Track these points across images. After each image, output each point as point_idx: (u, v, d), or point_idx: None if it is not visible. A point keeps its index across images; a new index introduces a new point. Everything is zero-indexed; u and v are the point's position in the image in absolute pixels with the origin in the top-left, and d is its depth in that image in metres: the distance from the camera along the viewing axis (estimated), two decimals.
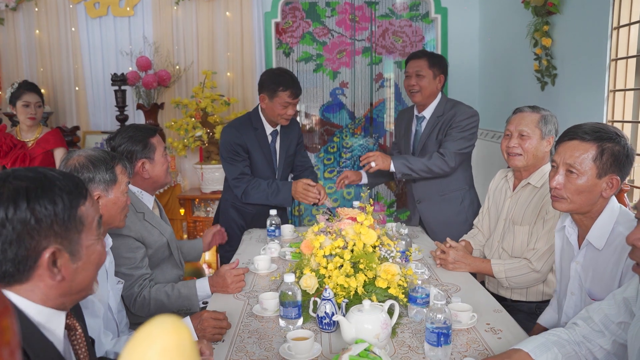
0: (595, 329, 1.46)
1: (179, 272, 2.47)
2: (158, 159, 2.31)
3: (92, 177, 1.77)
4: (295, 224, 4.84)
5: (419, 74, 2.99)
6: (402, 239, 2.32)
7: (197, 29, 4.52)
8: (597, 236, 1.70)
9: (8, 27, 4.55)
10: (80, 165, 1.77)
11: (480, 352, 1.59)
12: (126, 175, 1.88)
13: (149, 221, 2.24)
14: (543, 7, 3.17)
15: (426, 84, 2.98)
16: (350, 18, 4.72)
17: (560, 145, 1.73)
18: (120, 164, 1.86)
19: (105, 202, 1.80)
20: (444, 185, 3.01)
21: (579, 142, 1.67)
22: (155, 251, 2.26)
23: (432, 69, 2.99)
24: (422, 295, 1.81)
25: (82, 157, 1.79)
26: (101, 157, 1.81)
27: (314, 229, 2.05)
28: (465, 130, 2.92)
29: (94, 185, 1.77)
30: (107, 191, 1.80)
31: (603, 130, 1.66)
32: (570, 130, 1.72)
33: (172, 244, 2.39)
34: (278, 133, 3.18)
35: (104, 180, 1.79)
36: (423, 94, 3.00)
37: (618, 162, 1.64)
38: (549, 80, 3.30)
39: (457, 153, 2.90)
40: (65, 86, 4.62)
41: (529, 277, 2.23)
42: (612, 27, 2.71)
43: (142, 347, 0.63)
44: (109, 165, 1.81)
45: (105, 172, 1.79)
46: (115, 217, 1.84)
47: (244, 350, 1.64)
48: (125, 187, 1.86)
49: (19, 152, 3.61)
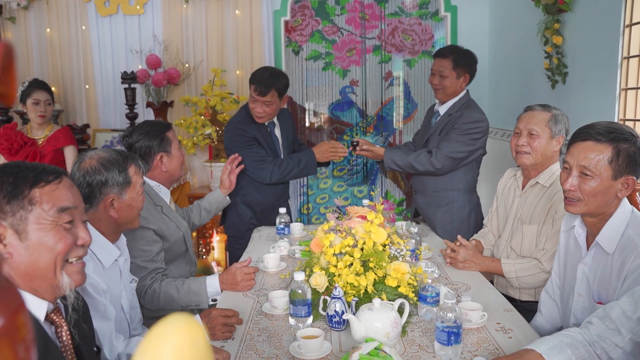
0: (611, 327, 1.42)
1: (192, 268, 2.51)
2: (174, 152, 2.37)
3: (106, 179, 1.76)
4: (304, 222, 4.85)
5: (442, 74, 2.98)
6: (412, 238, 2.32)
7: (207, 27, 4.53)
8: (607, 239, 1.65)
9: (19, 25, 4.58)
10: (92, 168, 1.76)
11: (491, 352, 1.59)
12: (140, 175, 1.86)
13: (167, 214, 2.27)
14: (554, 4, 3.15)
15: (448, 83, 2.97)
16: (359, 16, 4.71)
17: (573, 146, 1.67)
18: (133, 164, 1.84)
19: (120, 204, 1.78)
20: (437, 183, 3.01)
21: (594, 143, 1.61)
22: (172, 245, 2.29)
23: (456, 69, 2.97)
24: (432, 294, 1.81)
25: (94, 159, 1.78)
26: (113, 158, 1.80)
27: (323, 227, 2.05)
28: (464, 134, 2.87)
29: (107, 189, 1.75)
30: (122, 194, 1.78)
31: (618, 131, 1.61)
32: (583, 131, 1.65)
33: (188, 239, 2.41)
34: (275, 124, 3.19)
35: (117, 183, 1.77)
36: (445, 92, 3.00)
37: (634, 162, 1.59)
38: (559, 79, 3.28)
39: (447, 156, 2.86)
40: (76, 84, 4.64)
41: (539, 277, 2.21)
42: (624, 25, 2.68)
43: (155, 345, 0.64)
44: (122, 167, 1.79)
45: (118, 174, 1.77)
46: (131, 219, 1.84)
47: (254, 349, 1.64)
48: (140, 188, 1.84)
49: (29, 149, 3.64)
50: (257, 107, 2.99)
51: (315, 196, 4.98)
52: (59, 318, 1.23)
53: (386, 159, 2.98)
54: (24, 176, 1.16)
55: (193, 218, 2.85)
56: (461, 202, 3.01)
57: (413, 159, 2.91)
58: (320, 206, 4.97)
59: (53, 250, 1.17)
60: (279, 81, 2.98)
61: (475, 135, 2.89)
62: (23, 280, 1.15)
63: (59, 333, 1.23)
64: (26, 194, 1.15)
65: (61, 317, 1.24)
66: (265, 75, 2.97)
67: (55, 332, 1.23)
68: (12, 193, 1.13)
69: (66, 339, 1.24)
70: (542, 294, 2.02)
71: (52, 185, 1.19)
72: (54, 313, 1.22)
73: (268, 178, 3.05)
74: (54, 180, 1.19)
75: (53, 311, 1.22)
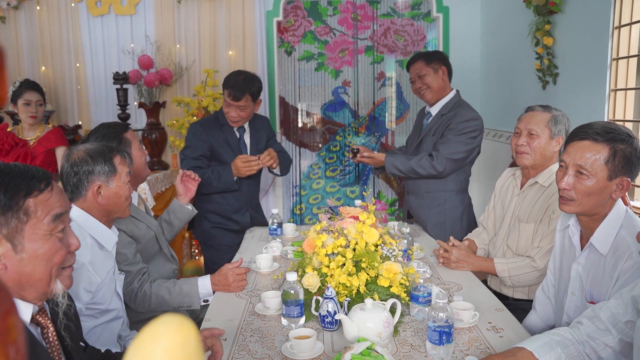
0: (601, 327, 1.44)
1: (173, 265, 2.48)
2: (135, 152, 2.34)
3: (92, 169, 1.83)
4: (297, 222, 4.85)
5: (420, 75, 3.00)
6: (404, 238, 2.32)
7: (199, 27, 4.52)
8: (601, 239, 1.66)
9: (10, 25, 4.55)
10: (79, 159, 1.83)
11: (482, 351, 1.59)
12: (126, 165, 1.92)
13: (135, 216, 2.27)
14: (545, 6, 3.17)
15: (430, 80, 2.99)
16: (352, 17, 4.72)
17: (570, 145, 1.67)
18: (119, 155, 1.91)
19: (107, 192, 1.85)
20: (430, 184, 3.01)
21: (591, 142, 1.62)
22: (145, 245, 2.29)
23: (430, 65, 2.99)
24: (424, 294, 1.82)
25: (82, 151, 1.86)
26: (99, 149, 1.87)
27: (316, 227, 2.05)
28: (461, 134, 2.87)
29: (93, 177, 1.82)
30: (108, 182, 1.85)
31: (616, 131, 1.61)
32: (581, 130, 1.66)
33: (160, 237, 2.42)
34: (246, 130, 3.20)
35: (104, 172, 1.84)
36: (432, 90, 3.00)
37: (630, 163, 1.60)
38: (550, 80, 3.30)
39: (448, 158, 2.86)
40: (67, 85, 4.62)
41: (531, 275, 2.23)
42: (614, 27, 2.71)
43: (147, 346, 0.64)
44: (107, 157, 1.86)
45: (104, 163, 1.85)
46: (120, 207, 1.89)
47: (247, 349, 1.64)
48: (126, 177, 1.91)
49: (20, 150, 3.61)
50: (232, 111, 3.03)
51: (308, 196, 4.99)
52: (44, 319, 1.22)
53: (387, 165, 2.96)
54: (16, 186, 1.13)
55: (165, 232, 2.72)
56: (454, 202, 3.02)
57: (415, 163, 2.89)
58: (313, 206, 4.97)
59: (49, 262, 1.17)
60: (253, 85, 3.00)
61: (472, 133, 2.89)
62: (13, 289, 1.13)
63: (45, 334, 1.22)
64: (21, 204, 1.13)
65: (47, 318, 1.23)
66: (239, 80, 2.99)
67: (42, 332, 1.22)
68: (6, 205, 1.11)
69: (52, 339, 1.23)
70: (537, 292, 2.03)
71: (45, 194, 1.17)
72: (39, 314, 1.21)
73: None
74: (45, 189, 1.18)
75: (38, 312, 1.21)
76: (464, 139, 2.87)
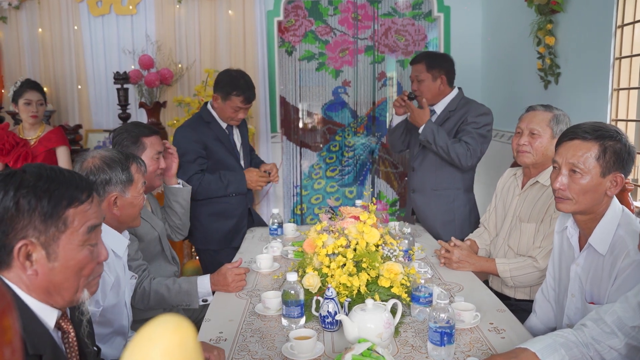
0: (606, 330, 1.44)
1: (174, 268, 2.48)
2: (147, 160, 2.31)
3: (109, 178, 1.78)
4: (298, 222, 4.84)
5: (418, 78, 3.01)
6: (405, 238, 2.31)
7: (200, 27, 4.51)
8: (599, 240, 1.67)
9: (11, 25, 4.55)
10: (96, 167, 1.78)
11: (484, 352, 1.59)
12: (142, 173, 1.89)
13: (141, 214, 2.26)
14: (547, 5, 3.16)
15: (425, 88, 3.00)
16: (352, 17, 4.72)
17: (561, 145, 1.71)
18: (135, 163, 1.87)
19: (123, 202, 1.81)
20: (438, 181, 3.01)
21: (581, 141, 1.65)
22: (147, 244, 2.28)
23: (430, 71, 2.99)
24: (425, 295, 1.81)
25: (97, 158, 1.80)
26: (116, 157, 1.82)
27: (316, 227, 2.05)
28: (481, 127, 2.87)
29: (111, 187, 1.78)
30: (124, 192, 1.81)
31: (603, 129, 1.65)
32: (570, 131, 1.70)
33: (164, 239, 2.41)
34: (233, 127, 3.20)
35: (121, 181, 1.80)
36: (426, 97, 3.00)
37: (621, 159, 1.63)
38: (552, 79, 3.29)
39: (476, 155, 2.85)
40: (68, 84, 4.61)
41: (533, 276, 2.22)
42: (616, 26, 2.70)
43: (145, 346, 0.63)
44: (125, 165, 1.82)
45: (122, 172, 1.81)
46: (132, 217, 1.87)
47: (247, 350, 1.64)
48: (142, 186, 1.88)
49: (21, 150, 3.61)
50: (241, 113, 3.05)
51: (310, 197, 4.98)
52: (66, 324, 1.22)
53: (426, 128, 2.85)
54: (60, 195, 1.12)
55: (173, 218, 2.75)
56: (462, 200, 3.02)
57: (451, 143, 2.83)
58: (314, 207, 4.97)
59: (79, 274, 1.17)
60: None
61: (488, 126, 2.90)
62: (40, 294, 1.13)
63: (65, 338, 1.22)
64: (61, 214, 1.12)
65: (69, 324, 1.23)
66: (249, 84, 3.02)
67: (62, 337, 1.21)
68: (48, 213, 1.10)
69: (72, 343, 1.23)
70: (537, 295, 2.03)
71: (86, 205, 1.17)
72: (62, 319, 1.21)
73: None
74: (86, 200, 1.17)
75: (61, 317, 1.21)
76: (484, 132, 2.89)
